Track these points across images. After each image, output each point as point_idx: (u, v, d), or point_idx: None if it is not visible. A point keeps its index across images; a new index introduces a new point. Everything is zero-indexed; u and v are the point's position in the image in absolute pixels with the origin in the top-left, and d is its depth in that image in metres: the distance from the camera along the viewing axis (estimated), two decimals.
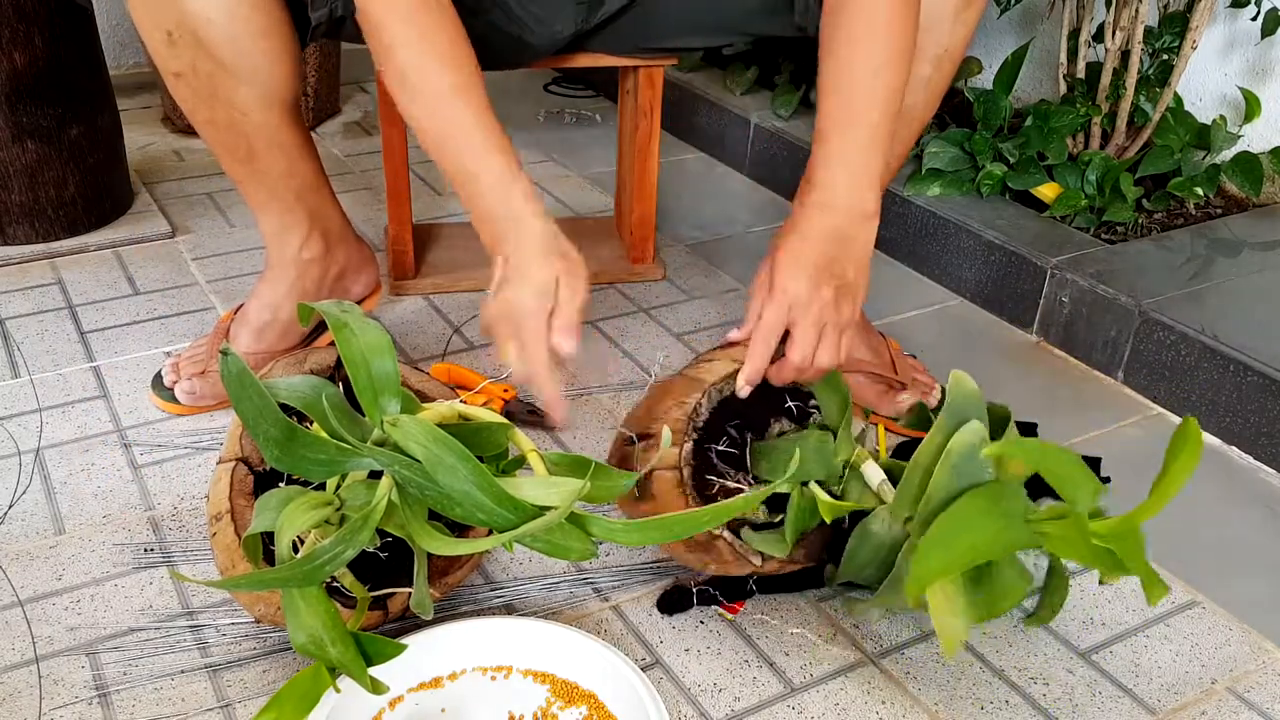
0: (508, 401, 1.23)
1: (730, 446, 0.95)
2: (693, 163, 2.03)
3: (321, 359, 1.00)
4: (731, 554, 0.92)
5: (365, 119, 2.16)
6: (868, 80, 0.93)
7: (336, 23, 1.16)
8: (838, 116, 0.93)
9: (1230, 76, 1.66)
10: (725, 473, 0.94)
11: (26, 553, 1.02)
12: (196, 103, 1.10)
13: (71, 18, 1.49)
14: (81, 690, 0.88)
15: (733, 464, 0.95)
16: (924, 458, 0.87)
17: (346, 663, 0.76)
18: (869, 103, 0.93)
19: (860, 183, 0.92)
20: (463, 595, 0.99)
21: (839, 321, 0.92)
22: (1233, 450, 1.26)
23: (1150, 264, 1.44)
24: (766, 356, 0.92)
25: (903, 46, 0.94)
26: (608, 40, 1.30)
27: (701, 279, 1.59)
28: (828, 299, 0.91)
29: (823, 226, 0.92)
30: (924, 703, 0.91)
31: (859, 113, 0.93)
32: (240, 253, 1.60)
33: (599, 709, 0.87)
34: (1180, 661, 0.96)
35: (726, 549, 0.91)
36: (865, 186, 0.93)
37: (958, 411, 0.87)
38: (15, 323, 1.40)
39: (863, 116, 0.93)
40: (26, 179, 1.52)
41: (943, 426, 0.87)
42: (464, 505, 0.77)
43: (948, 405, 0.88)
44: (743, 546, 0.92)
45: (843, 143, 0.92)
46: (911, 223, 1.63)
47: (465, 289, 1.52)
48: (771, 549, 0.92)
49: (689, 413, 0.93)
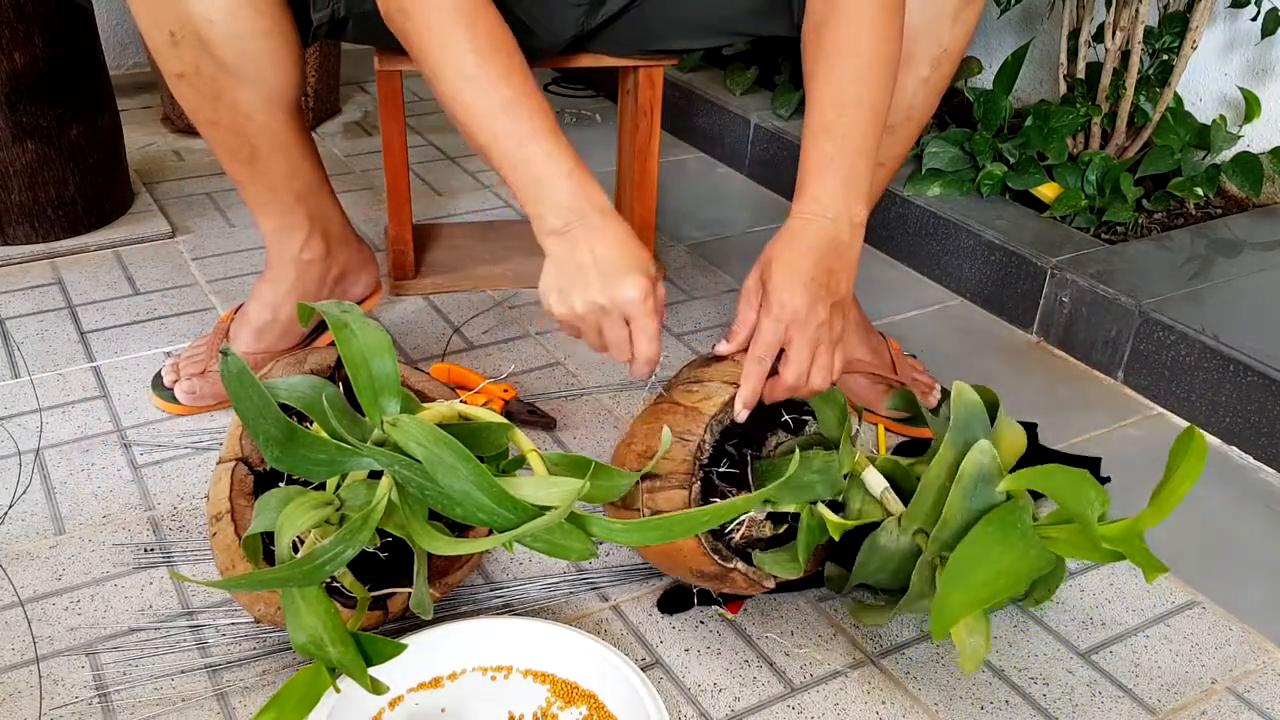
0: (508, 401, 1.23)
1: (730, 466, 0.94)
2: (693, 163, 2.03)
3: (321, 359, 1.00)
4: (746, 582, 0.91)
5: (365, 119, 2.16)
6: (856, 91, 0.92)
7: (338, 24, 1.16)
8: (828, 128, 0.92)
9: (1230, 76, 1.66)
10: (727, 493, 0.93)
11: (26, 553, 1.02)
12: (199, 103, 1.10)
13: (71, 18, 1.49)
14: (81, 690, 0.88)
15: (733, 482, 0.94)
16: (934, 476, 0.87)
17: (346, 663, 0.76)
18: (858, 114, 0.92)
19: (851, 192, 0.92)
20: (463, 595, 0.99)
21: (833, 339, 0.91)
22: (1233, 450, 1.26)
23: (1150, 264, 1.44)
24: (762, 378, 0.90)
25: (889, 55, 0.94)
26: (608, 41, 1.30)
27: (701, 279, 1.59)
28: (823, 317, 0.89)
29: (818, 237, 0.91)
30: (924, 703, 0.91)
31: (849, 124, 0.92)
32: (240, 253, 1.60)
33: (599, 709, 0.87)
34: (1180, 661, 0.96)
35: (741, 579, 0.91)
36: (855, 197, 0.92)
37: (964, 427, 0.88)
38: (15, 323, 1.40)
39: (853, 128, 0.92)
40: (26, 179, 1.52)
41: (951, 443, 0.87)
42: (464, 505, 0.78)
43: (953, 421, 0.88)
44: (757, 573, 0.91)
45: (834, 153, 0.92)
46: (911, 223, 1.63)
47: (465, 289, 1.52)
48: (785, 571, 0.91)
49: (694, 452, 0.89)
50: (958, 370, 1.37)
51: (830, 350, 0.91)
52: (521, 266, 1.55)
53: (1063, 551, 0.84)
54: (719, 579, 0.91)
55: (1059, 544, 0.83)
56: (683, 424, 0.90)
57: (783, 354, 0.90)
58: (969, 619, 0.81)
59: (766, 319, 0.89)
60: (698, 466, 0.89)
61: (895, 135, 1.14)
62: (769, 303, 0.89)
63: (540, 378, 1.33)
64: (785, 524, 0.94)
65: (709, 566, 0.89)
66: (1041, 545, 0.84)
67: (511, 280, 1.53)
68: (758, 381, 0.90)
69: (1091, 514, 0.80)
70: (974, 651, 0.81)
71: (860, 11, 0.93)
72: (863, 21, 0.93)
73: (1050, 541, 0.84)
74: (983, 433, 0.88)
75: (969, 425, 0.88)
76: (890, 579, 0.93)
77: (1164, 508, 0.80)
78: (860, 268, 0.96)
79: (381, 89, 1.38)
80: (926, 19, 1.06)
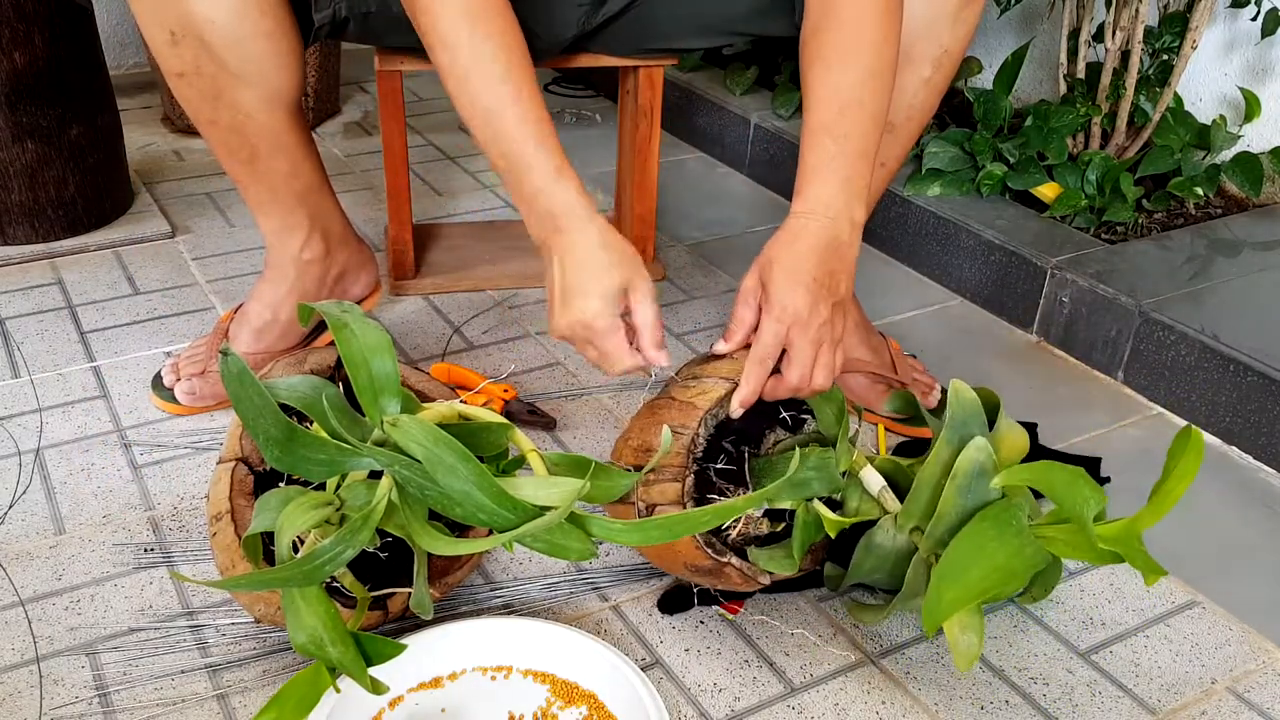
0: (508, 401, 1.23)
1: (728, 463, 0.94)
2: (693, 163, 2.03)
3: (321, 359, 1.00)
4: (741, 577, 0.91)
5: (365, 119, 2.16)
6: (856, 94, 0.93)
7: (339, 24, 1.16)
8: (828, 128, 0.93)
9: (1230, 76, 1.66)
10: (724, 489, 0.93)
11: (26, 553, 1.02)
12: (199, 103, 1.10)
13: (71, 18, 1.49)
14: (81, 690, 0.88)
15: (731, 479, 0.94)
16: (930, 473, 0.87)
17: (346, 663, 0.76)
18: (858, 115, 0.92)
19: (851, 192, 0.92)
20: (463, 595, 0.99)
21: (834, 339, 0.91)
22: (1233, 450, 1.26)
23: (1150, 264, 1.44)
24: (763, 378, 0.90)
25: (889, 57, 0.95)
26: (609, 41, 1.30)
27: (701, 279, 1.59)
28: (825, 317, 0.89)
29: (818, 237, 0.91)
30: (924, 703, 0.91)
31: (849, 125, 0.92)
32: (240, 253, 1.60)
33: (599, 709, 0.87)
34: (1180, 661, 0.96)
35: (736, 574, 0.91)
36: (854, 196, 0.92)
37: (960, 424, 0.88)
38: (15, 323, 1.40)
39: (853, 128, 0.92)
40: (26, 179, 1.52)
41: (948, 440, 0.87)
42: (464, 505, 0.78)
43: (949, 419, 0.88)
44: (751, 569, 0.91)
45: (834, 153, 0.92)
46: (911, 223, 1.63)
47: (465, 289, 1.52)
48: (780, 568, 0.91)
49: (688, 444, 0.90)
50: (958, 370, 1.37)
51: (832, 350, 0.91)
52: (521, 266, 1.55)
53: (1059, 552, 0.83)
54: (713, 574, 0.91)
55: (1055, 544, 0.83)
56: (677, 418, 0.91)
57: (785, 354, 0.90)
58: (962, 616, 0.81)
59: (768, 320, 0.89)
60: (691, 459, 0.90)
61: (896, 135, 1.14)
62: (770, 304, 0.89)
63: (540, 378, 1.33)
64: (783, 522, 0.94)
65: (703, 561, 0.89)
66: (1037, 544, 0.83)
67: (511, 280, 1.53)
68: (758, 382, 0.90)
69: (1087, 513, 0.80)
70: (968, 650, 0.81)
71: (859, 16, 0.93)
72: (862, 26, 0.93)
73: (1047, 541, 0.83)
74: (979, 431, 0.88)
75: (965, 423, 0.88)
76: (886, 577, 0.93)
77: (1161, 507, 0.79)
78: (860, 268, 0.96)
79: (381, 89, 1.38)
80: (927, 20, 1.06)
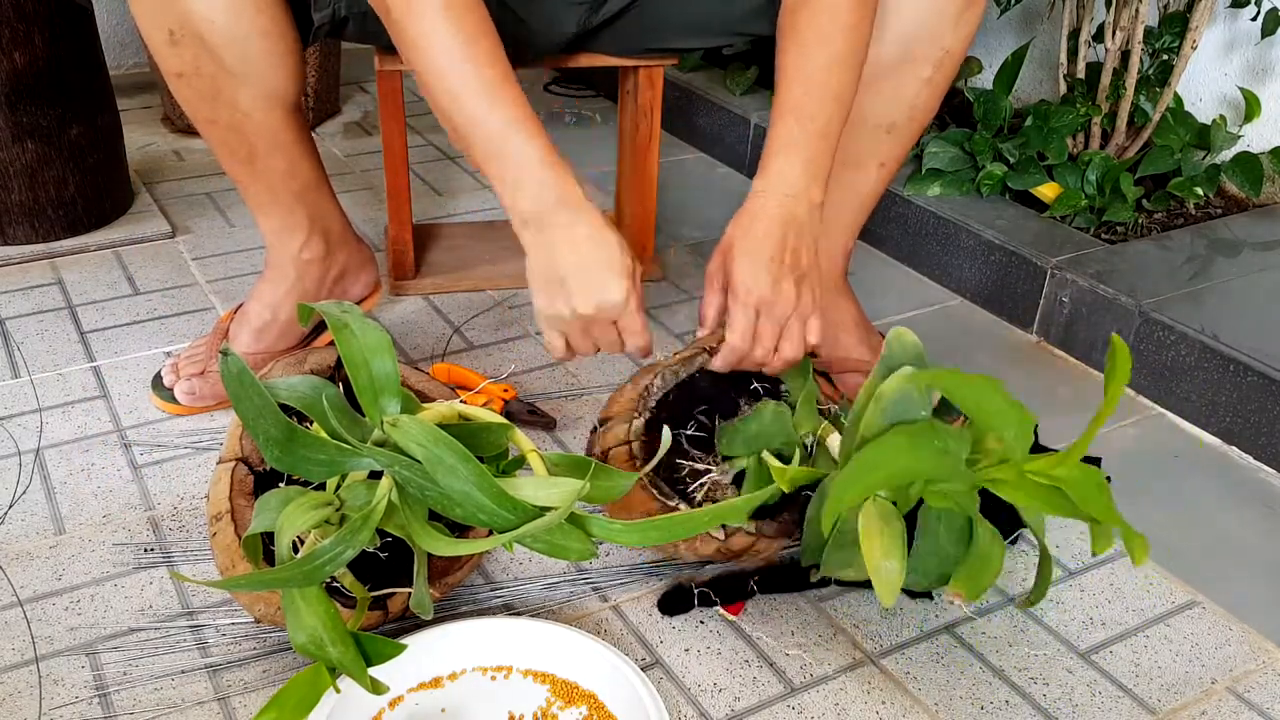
0: (508, 401, 1.23)
1: (699, 431, 1.00)
2: (693, 163, 2.03)
3: (321, 359, 1.00)
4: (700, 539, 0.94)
5: (365, 119, 2.16)
6: (824, 75, 0.94)
7: (339, 23, 1.16)
8: (795, 108, 0.94)
9: (1230, 76, 1.66)
10: (695, 456, 0.98)
11: (26, 553, 1.02)
12: (198, 103, 1.10)
13: (71, 18, 1.49)
14: (81, 690, 0.88)
15: (702, 448, 0.99)
16: (860, 404, 0.86)
17: (346, 663, 0.76)
18: (825, 97, 0.94)
19: (811, 174, 0.94)
20: (463, 595, 0.99)
21: (802, 312, 0.93)
22: (1233, 450, 1.26)
23: (1150, 264, 1.44)
24: (737, 360, 0.94)
25: (858, 46, 0.96)
26: (609, 41, 1.30)
27: (701, 279, 1.58)
28: (789, 294, 0.91)
29: (777, 213, 0.93)
30: (924, 703, 0.91)
31: (816, 106, 0.94)
32: (240, 253, 1.60)
33: (599, 709, 0.87)
34: (1180, 661, 0.96)
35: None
36: (814, 178, 0.94)
37: (894, 361, 0.87)
38: (15, 323, 1.40)
39: (819, 111, 0.94)
40: (26, 179, 1.52)
41: (878, 373, 0.86)
42: (464, 506, 0.78)
43: (884, 357, 0.87)
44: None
45: (798, 134, 0.94)
46: (911, 223, 1.63)
47: (465, 289, 1.52)
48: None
49: (640, 392, 1.02)
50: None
51: (801, 321, 0.93)
52: (521, 266, 1.53)
53: (1007, 495, 0.81)
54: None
55: (1002, 487, 0.81)
56: (643, 377, 1.04)
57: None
58: (883, 541, 0.79)
59: (735, 305, 0.92)
60: (642, 405, 1.01)
61: (897, 135, 1.14)
62: (734, 288, 0.92)
63: (540, 378, 1.33)
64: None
65: (651, 505, 0.93)
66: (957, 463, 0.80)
67: (511, 280, 1.53)
68: (733, 359, 0.94)
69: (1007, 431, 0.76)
70: (889, 577, 0.78)
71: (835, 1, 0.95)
72: (837, 10, 0.95)
73: (993, 485, 0.81)
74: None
75: (899, 360, 0.87)
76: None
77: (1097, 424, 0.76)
78: (860, 268, 0.96)
79: (381, 89, 1.38)
80: (929, 21, 1.06)
